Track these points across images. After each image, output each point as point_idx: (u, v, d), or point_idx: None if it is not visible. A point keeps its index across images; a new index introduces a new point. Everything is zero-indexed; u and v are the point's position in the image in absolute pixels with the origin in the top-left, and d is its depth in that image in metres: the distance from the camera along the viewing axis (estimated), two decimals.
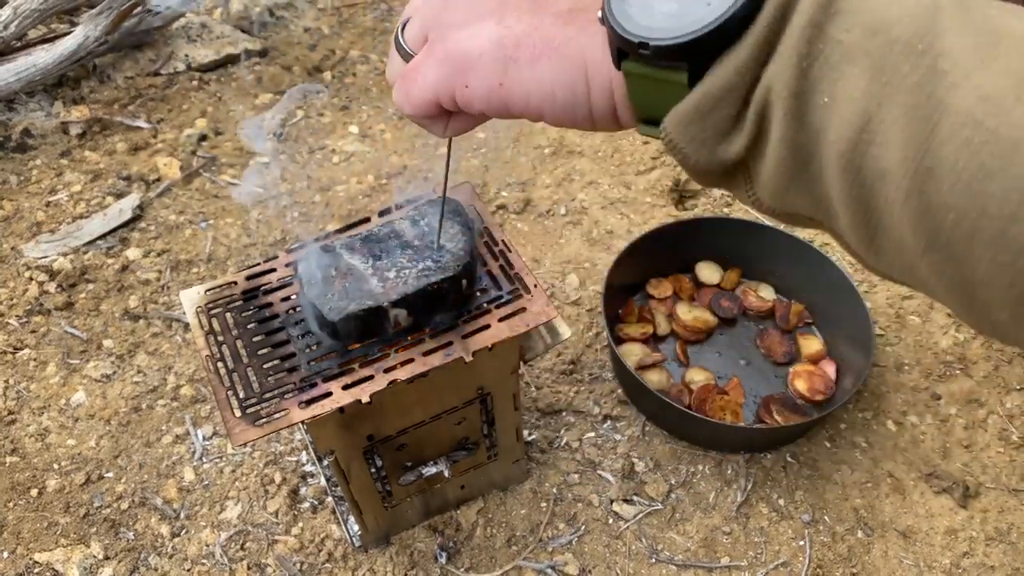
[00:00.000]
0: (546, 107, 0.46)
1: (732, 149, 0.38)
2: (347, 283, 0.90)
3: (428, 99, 0.50)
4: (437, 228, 0.94)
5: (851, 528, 1.29)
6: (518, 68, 0.45)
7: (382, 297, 0.89)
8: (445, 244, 0.93)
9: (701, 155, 0.39)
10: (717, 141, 0.38)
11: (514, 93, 0.46)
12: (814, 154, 0.35)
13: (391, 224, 0.97)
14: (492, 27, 0.46)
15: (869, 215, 0.35)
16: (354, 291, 0.89)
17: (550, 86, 0.45)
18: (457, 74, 0.47)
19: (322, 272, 0.91)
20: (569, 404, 1.44)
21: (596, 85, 0.43)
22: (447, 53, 0.48)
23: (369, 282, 0.90)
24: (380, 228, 0.97)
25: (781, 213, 0.41)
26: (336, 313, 0.87)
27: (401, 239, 0.95)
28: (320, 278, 0.90)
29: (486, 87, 0.47)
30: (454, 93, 0.49)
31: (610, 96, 0.44)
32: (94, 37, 1.99)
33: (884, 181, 0.33)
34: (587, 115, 0.45)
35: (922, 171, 0.31)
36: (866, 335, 1.37)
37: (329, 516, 1.30)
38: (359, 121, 2.04)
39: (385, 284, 0.90)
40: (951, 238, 0.32)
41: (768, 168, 0.38)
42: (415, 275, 0.90)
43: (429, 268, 0.91)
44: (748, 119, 0.37)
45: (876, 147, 0.33)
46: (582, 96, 0.44)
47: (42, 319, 1.60)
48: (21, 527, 1.31)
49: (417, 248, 0.93)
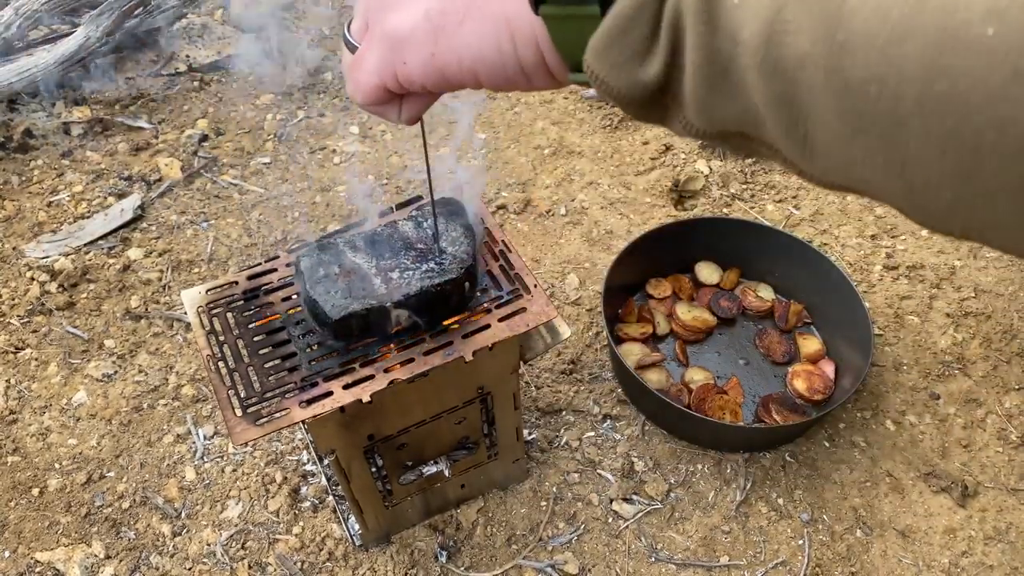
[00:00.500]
0: (479, 68, 0.47)
1: (651, 70, 0.38)
2: (350, 282, 0.90)
3: (374, 83, 0.52)
4: (435, 225, 0.94)
5: (850, 527, 1.29)
6: (446, 35, 0.47)
7: (385, 297, 0.89)
8: (447, 246, 0.93)
9: (621, 80, 0.39)
10: (636, 63, 0.38)
11: (447, 60, 0.48)
12: (732, 58, 0.35)
13: (394, 225, 0.98)
14: (420, 3, 0.48)
15: (795, 110, 0.34)
16: (357, 290, 0.89)
17: (477, 47, 0.46)
18: (394, 53, 0.49)
19: (325, 269, 0.91)
20: (569, 404, 1.44)
21: (521, 38, 0.45)
22: (383, 34, 0.50)
23: (372, 281, 0.91)
24: (384, 228, 0.97)
25: (713, 134, 0.40)
26: (338, 311, 0.88)
27: (405, 240, 0.95)
28: (323, 275, 0.91)
29: (421, 60, 0.49)
30: (395, 72, 0.51)
31: (536, 47, 0.45)
32: (95, 38, 2.00)
33: (803, 68, 0.33)
34: (519, 71, 0.46)
35: (836, 47, 0.31)
36: (865, 335, 1.37)
37: (330, 515, 1.30)
38: (359, 122, 2.05)
39: (388, 284, 0.90)
40: (877, 112, 0.31)
41: (689, 83, 0.37)
42: (418, 276, 0.91)
43: (432, 270, 0.91)
44: (662, 35, 0.37)
45: (790, 36, 0.32)
46: (509, 52, 0.45)
47: (43, 319, 1.60)
48: (22, 526, 1.32)
49: (420, 249, 0.94)
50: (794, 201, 1.81)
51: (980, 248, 1.69)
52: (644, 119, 0.42)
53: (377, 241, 0.95)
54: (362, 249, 0.94)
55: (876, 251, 1.69)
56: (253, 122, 2.04)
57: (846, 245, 1.71)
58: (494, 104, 2.07)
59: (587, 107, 2.05)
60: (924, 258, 1.67)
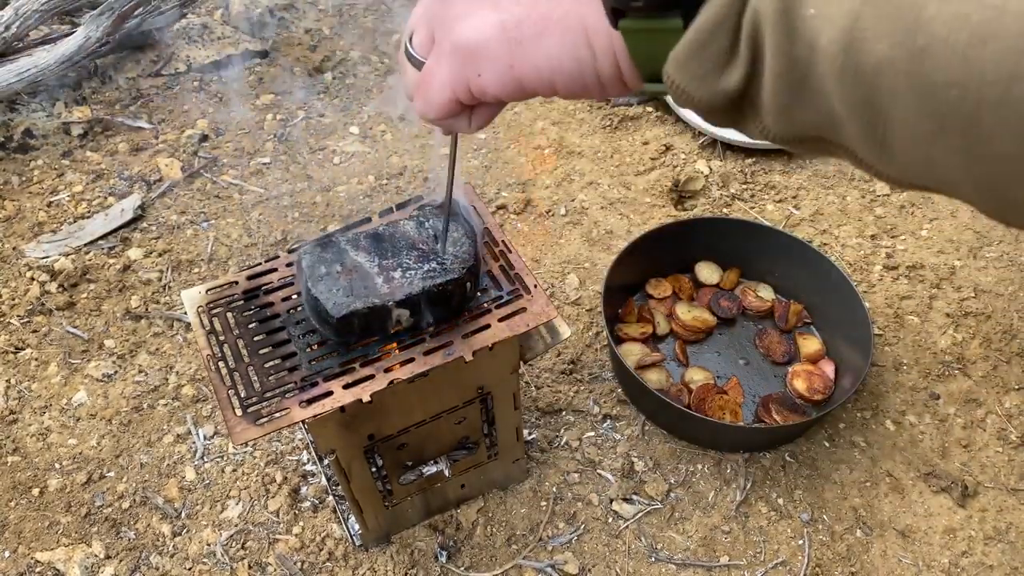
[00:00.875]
0: (557, 79, 0.48)
1: (732, 79, 0.39)
2: (352, 280, 0.90)
3: (447, 98, 0.52)
4: (443, 231, 0.94)
5: (850, 527, 1.29)
6: (524, 48, 0.47)
7: (387, 296, 0.89)
8: (449, 248, 0.93)
9: (703, 91, 0.40)
10: (717, 74, 0.40)
11: (525, 72, 0.48)
12: (811, 65, 0.36)
13: (397, 224, 0.98)
14: (491, 14, 0.48)
15: (875, 113, 0.35)
16: (359, 288, 0.89)
17: (557, 58, 0.46)
18: (468, 65, 0.49)
19: (326, 267, 0.91)
20: (569, 404, 1.44)
21: (599, 49, 0.45)
22: (454, 47, 0.49)
23: (374, 280, 0.90)
24: (386, 227, 0.97)
25: (791, 138, 0.41)
26: (340, 309, 0.87)
27: (407, 239, 0.95)
28: (324, 273, 0.91)
29: (498, 71, 0.49)
30: (469, 85, 0.50)
31: (613, 58, 0.45)
32: (95, 38, 2.00)
33: (883, 73, 0.33)
34: (595, 81, 0.47)
35: (916, 52, 0.32)
36: (865, 335, 1.37)
37: (330, 515, 1.30)
38: (360, 122, 2.05)
39: (390, 284, 0.90)
40: (957, 114, 0.32)
41: (769, 90, 0.39)
42: (420, 276, 0.90)
43: (434, 270, 0.91)
44: (742, 46, 0.38)
45: (869, 42, 0.33)
46: (588, 62, 0.46)
47: (43, 319, 1.60)
48: (23, 526, 1.32)
49: (423, 249, 0.94)
50: (794, 201, 1.81)
51: (980, 248, 1.69)
52: (721, 124, 0.44)
53: (379, 240, 0.95)
54: (364, 248, 0.94)
55: (876, 251, 1.69)
56: (253, 122, 2.04)
57: (846, 245, 1.71)
58: None
59: (587, 107, 2.05)
60: (924, 258, 1.67)
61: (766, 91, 0.39)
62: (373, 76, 2.18)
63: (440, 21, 0.51)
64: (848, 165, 1.88)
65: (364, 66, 2.20)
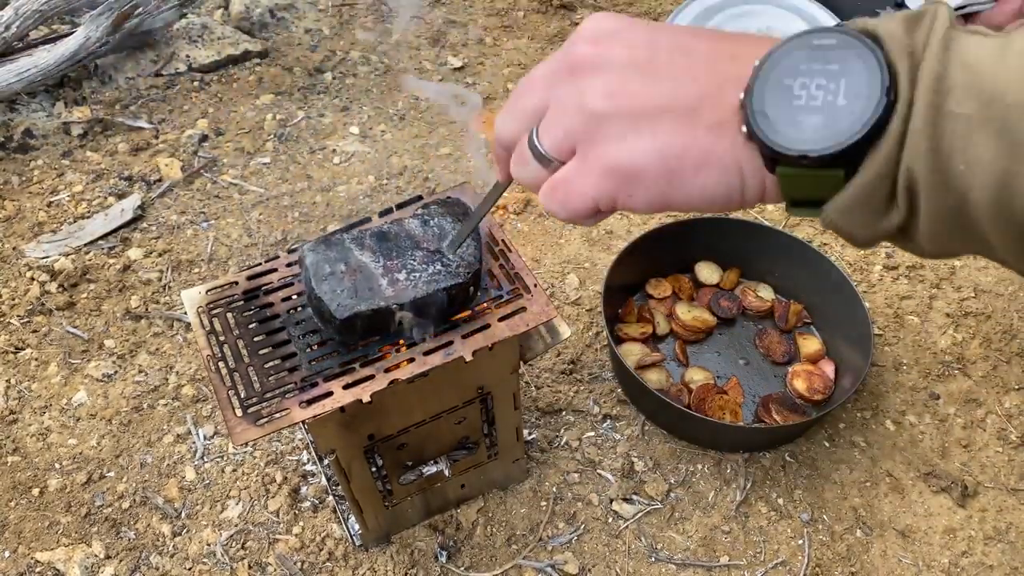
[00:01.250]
0: (704, 205, 0.51)
1: (891, 222, 0.43)
2: (356, 280, 0.90)
3: (588, 207, 0.53)
4: (450, 234, 0.94)
5: (850, 527, 1.29)
6: (682, 179, 0.49)
7: (391, 299, 0.89)
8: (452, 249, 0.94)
9: (865, 233, 0.45)
10: (877, 220, 0.44)
11: (677, 198, 0.50)
12: (964, 213, 0.40)
13: (401, 223, 0.97)
14: (650, 141, 0.48)
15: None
16: (363, 290, 0.89)
17: (711, 191, 0.49)
18: (620, 187, 0.50)
19: (331, 267, 0.91)
20: (569, 404, 1.44)
21: (750, 185, 0.48)
22: (607, 168, 0.50)
23: (379, 281, 0.90)
24: (391, 226, 0.97)
25: (946, 256, 0.46)
26: (344, 311, 0.87)
27: (412, 239, 0.95)
28: (328, 272, 0.90)
29: (650, 196, 0.50)
30: (616, 202, 0.52)
31: (762, 190, 0.49)
32: (95, 38, 2.00)
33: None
34: (738, 202, 0.50)
35: None
36: (865, 335, 1.37)
37: (330, 515, 1.30)
38: (360, 122, 2.05)
39: (395, 286, 0.90)
40: None
41: (925, 229, 0.43)
42: (425, 279, 0.90)
43: (439, 272, 0.91)
44: (899, 197, 0.42)
45: (1018, 194, 0.38)
46: (736, 191, 0.49)
47: (43, 319, 1.60)
48: (23, 526, 1.32)
49: (427, 250, 0.93)
50: None
51: None
52: (870, 248, 0.50)
53: (384, 239, 0.95)
54: (369, 247, 0.94)
55: (876, 251, 1.69)
56: (253, 122, 2.04)
57: (846, 245, 1.71)
58: (494, 104, 2.07)
59: None
60: None
61: (922, 228, 0.43)
62: (373, 76, 2.18)
63: (588, 136, 0.51)
64: None
65: (364, 66, 2.20)
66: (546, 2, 2.38)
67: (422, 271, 0.91)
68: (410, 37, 2.30)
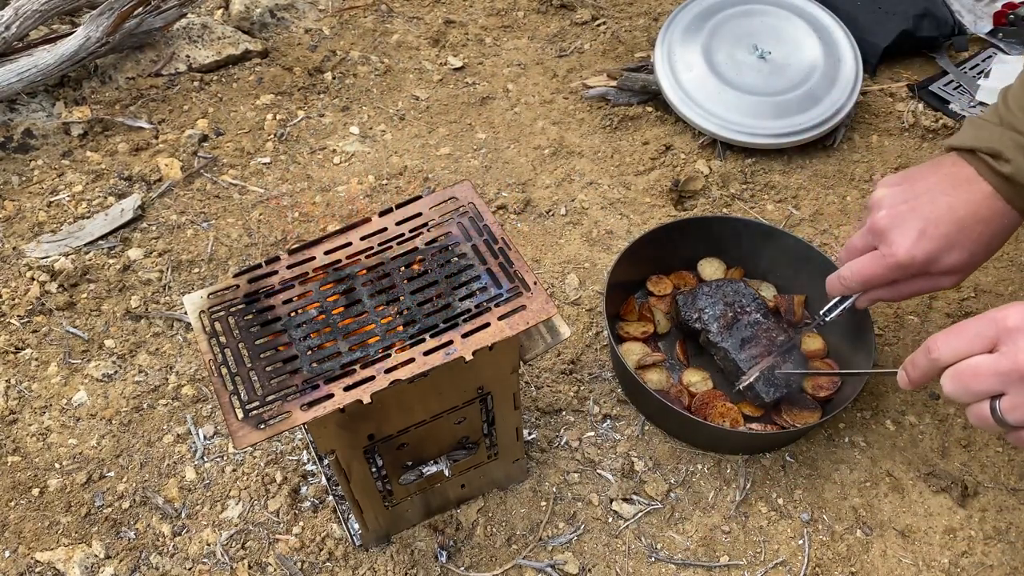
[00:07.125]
0: None
1: None
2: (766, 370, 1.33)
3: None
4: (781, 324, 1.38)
5: (850, 527, 1.29)
6: None
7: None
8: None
9: None
10: None
11: None
12: None
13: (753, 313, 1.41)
14: None
15: None
16: (770, 376, 1.33)
17: None
18: None
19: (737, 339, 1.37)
20: (569, 404, 1.45)
21: None
22: None
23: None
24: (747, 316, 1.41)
25: None
26: (772, 395, 1.32)
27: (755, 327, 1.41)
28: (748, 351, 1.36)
29: None
30: None
31: None
32: (95, 38, 2.00)
33: None
34: None
35: None
36: (865, 335, 1.37)
37: (330, 515, 1.30)
38: (360, 122, 2.05)
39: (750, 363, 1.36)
40: None
41: None
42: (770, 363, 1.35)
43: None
44: None
45: None
46: None
47: (43, 319, 1.60)
48: (22, 526, 1.32)
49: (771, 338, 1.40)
50: (794, 201, 1.81)
51: None
52: None
53: (737, 327, 1.40)
54: (724, 333, 1.40)
55: None
56: (253, 122, 2.04)
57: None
58: (494, 104, 2.07)
59: (587, 107, 2.05)
60: None
61: None
62: (373, 76, 2.18)
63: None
64: (848, 164, 1.88)
65: (364, 66, 2.20)
66: (546, 2, 2.37)
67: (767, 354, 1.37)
68: (410, 37, 2.30)
